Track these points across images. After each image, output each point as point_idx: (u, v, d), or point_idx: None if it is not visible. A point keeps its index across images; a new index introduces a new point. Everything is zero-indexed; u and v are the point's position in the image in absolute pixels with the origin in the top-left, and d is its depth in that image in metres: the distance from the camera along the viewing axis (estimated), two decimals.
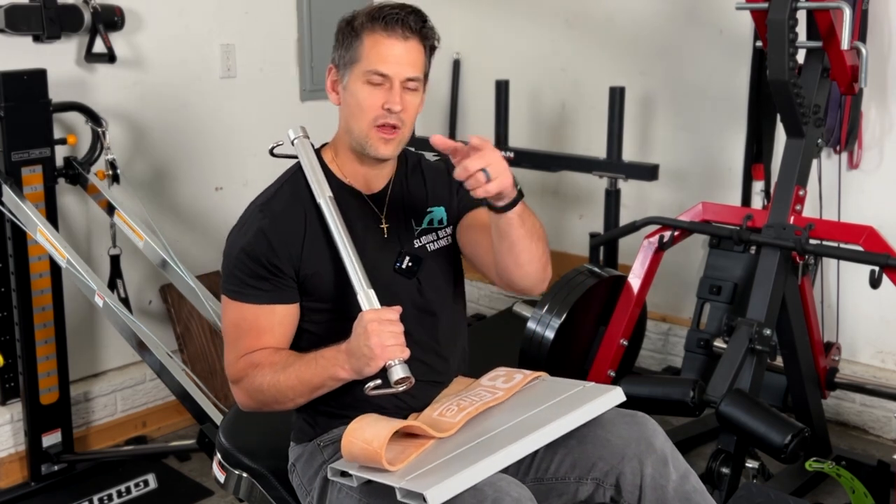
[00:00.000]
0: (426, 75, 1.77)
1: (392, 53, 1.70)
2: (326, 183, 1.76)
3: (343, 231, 1.70)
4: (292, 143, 1.86)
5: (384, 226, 1.81)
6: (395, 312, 1.61)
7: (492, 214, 1.66)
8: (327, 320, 1.77)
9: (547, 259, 1.78)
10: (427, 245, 1.84)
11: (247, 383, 1.73)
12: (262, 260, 1.71)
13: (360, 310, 1.65)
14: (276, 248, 1.72)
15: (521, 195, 1.65)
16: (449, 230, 1.87)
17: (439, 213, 1.87)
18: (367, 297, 1.64)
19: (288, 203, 1.76)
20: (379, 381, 1.59)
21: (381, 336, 1.56)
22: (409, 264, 1.79)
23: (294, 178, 1.81)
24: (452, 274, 1.89)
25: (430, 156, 1.97)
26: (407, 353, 1.59)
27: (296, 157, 1.83)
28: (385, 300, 1.66)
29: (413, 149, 1.93)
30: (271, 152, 1.90)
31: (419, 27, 1.72)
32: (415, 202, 1.85)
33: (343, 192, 1.79)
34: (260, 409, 1.77)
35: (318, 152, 1.84)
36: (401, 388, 1.58)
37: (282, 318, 1.74)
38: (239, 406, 1.80)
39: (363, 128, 1.73)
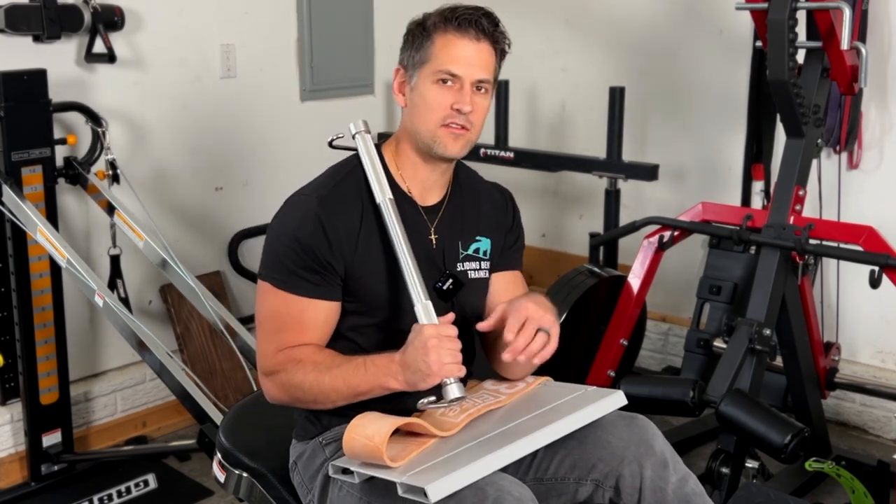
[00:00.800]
0: (496, 79, 1.76)
1: (464, 54, 1.69)
2: (387, 183, 1.71)
3: (402, 236, 1.67)
4: (353, 136, 1.79)
5: (433, 237, 1.79)
6: (453, 328, 1.59)
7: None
8: (365, 325, 1.74)
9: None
10: (469, 272, 1.82)
11: (284, 378, 1.69)
12: (317, 253, 1.68)
13: (404, 321, 1.65)
14: (332, 243, 1.68)
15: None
16: (488, 265, 1.86)
17: (486, 244, 1.85)
18: (424, 309, 1.63)
19: (347, 200, 1.72)
20: (433, 398, 1.60)
21: (440, 353, 1.55)
22: (451, 286, 1.77)
23: (354, 174, 1.76)
24: (481, 308, 1.87)
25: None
26: (464, 371, 1.59)
27: (355, 149, 1.77)
28: (413, 317, 1.65)
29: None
30: (330, 144, 1.84)
31: (492, 30, 1.71)
32: (466, 225, 1.84)
33: (400, 199, 1.76)
34: (292, 404, 1.74)
35: (377, 149, 1.80)
36: (454, 405, 1.60)
37: (327, 314, 1.71)
38: (267, 398, 1.76)
39: (431, 128, 1.70)
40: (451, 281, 1.77)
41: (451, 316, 1.63)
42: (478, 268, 1.84)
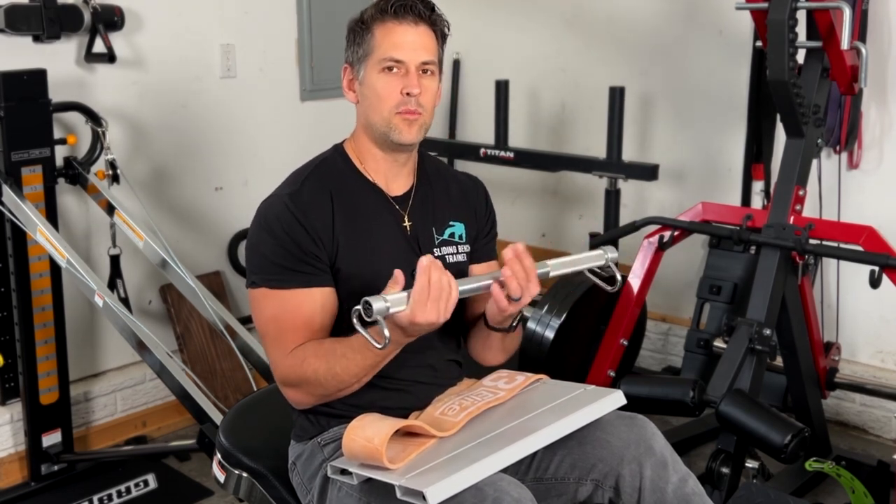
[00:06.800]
0: (440, 62, 1.79)
1: (405, 39, 1.71)
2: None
3: None
4: None
5: (406, 224, 1.81)
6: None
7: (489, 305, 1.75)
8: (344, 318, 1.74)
9: (508, 357, 1.89)
10: (446, 256, 1.84)
11: (299, 381, 1.69)
12: (300, 245, 1.69)
13: None
14: (312, 235, 1.70)
15: (517, 325, 1.79)
16: (467, 248, 1.87)
17: (460, 228, 1.87)
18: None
19: (317, 195, 1.74)
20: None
21: (438, 307, 1.54)
22: None
23: (318, 170, 1.79)
24: None
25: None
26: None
27: None
28: None
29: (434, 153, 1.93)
30: None
31: (428, 14, 1.74)
32: (438, 210, 1.86)
33: (368, 190, 1.79)
34: (319, 402, 1.73)
35: (341, 147, 1.84)
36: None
37: (324, 301, 1.71)
38: (295, 405, 1.76)
39: (385, 116, 1.73)
40: None
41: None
42: (455, 251, 1.86)
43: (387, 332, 1.50)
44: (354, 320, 1.51)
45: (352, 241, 1.74)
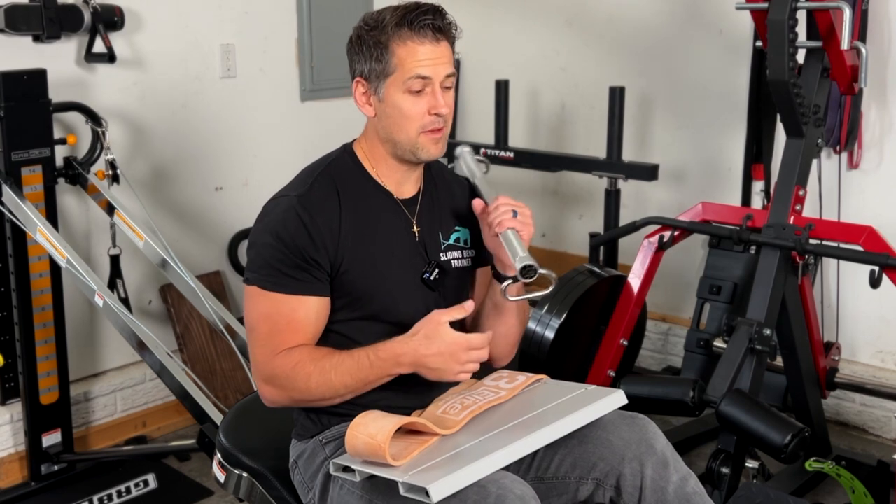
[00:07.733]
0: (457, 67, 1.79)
1: (428, 57, 1.71)
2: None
3: None
4: None
5: (415, 230, 1.81)
6: (486, 340, 1.67)
7: (495, 282, 1.82)
8: (355, 318, 1.75)
9: (518, 340, 1.91)
10: (452, 261, 1.85)
11: (286, 382, 1.69)
12: (302, 250, 1.69)
13: (394, 311, 1.71)
14: (315, 240, 1.70)
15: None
16: (472, 252, 1.88)
17: (464, 233, 1.88)
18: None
19: (325, 197, 1.74)
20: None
21: (465, 367, 1.65)
22: (437, 276, 1.79)
23: (328, 172, 1.78)
24: (467, 295, 1.89)
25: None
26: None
27: None
28: (407, 306, 1.68)
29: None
30: None
31: (446, 26, 1.73)
32: (443, 215, 1.86)
33: (378, 193, 1.79)
34: (293, 405, 1.75)
35: (350, 148, 1.83)
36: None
37: (318, 310, 1.72)
38: (266, 403, 1.76)
39: (412, 136, 1.73)
40: (436, 270, 1.80)
41: (488, 336, 1.70)
42: (460, 257, 1.86)
43: (544, 270, 1.74)
44: (509, 297, 1.75)
45: (360, 244, 1.74)
